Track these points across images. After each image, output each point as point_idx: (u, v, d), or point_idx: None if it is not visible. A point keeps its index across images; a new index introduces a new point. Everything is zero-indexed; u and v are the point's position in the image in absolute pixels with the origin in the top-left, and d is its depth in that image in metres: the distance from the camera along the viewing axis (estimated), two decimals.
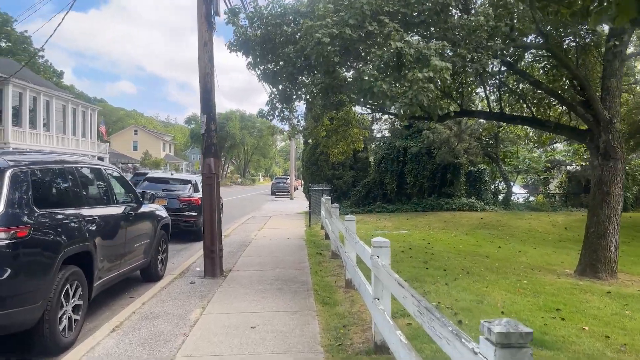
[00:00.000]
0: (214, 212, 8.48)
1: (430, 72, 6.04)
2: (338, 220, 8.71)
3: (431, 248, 11.46)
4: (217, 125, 8.76)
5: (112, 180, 7.11)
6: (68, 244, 5.09)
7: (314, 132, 13.63)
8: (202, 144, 8.72)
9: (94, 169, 6.46)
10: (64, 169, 5.50)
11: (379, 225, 16.15)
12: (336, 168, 20.59)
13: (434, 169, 19.03)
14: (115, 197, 6.73)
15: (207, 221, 8.48)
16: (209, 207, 8.48)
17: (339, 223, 8.41)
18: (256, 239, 13.07)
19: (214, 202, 8.48)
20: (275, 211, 24.47)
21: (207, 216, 8.48)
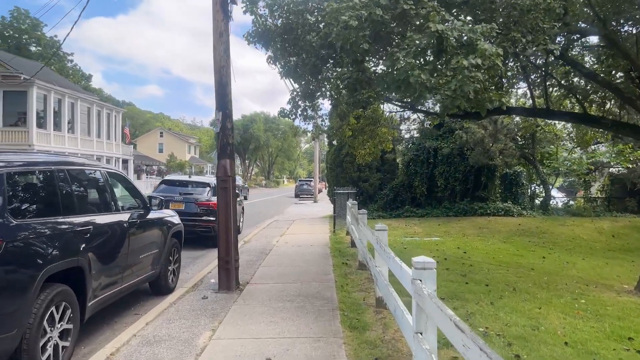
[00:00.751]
0: (229, 218, 7.68)
1: (478, 58, 5.09)
2: (367, 228, 7.80)
3: (468, 258, 10.42)
4: (233, 124, 7.98)
5: (115, 184, 6.38)
6: (53, 259, 4.34)
7: (340, 131, 12.76)
8: (217, 143, 7.94)
9: (91, 172, 5.72)
10: (51, 171, 4.76)
11: (409, 231, 15.14)
12: (362, 170, 19.65)
13: (466, 171, 17.89)
14: (116, 203, 5.98)
15: (221, 229, 7.69)
16: (224, 214, 7.69)
17: (368, 231, 7.50)
18: (277, 245, 12.26)
19: (229, 208, 7.69)
20: (298, 215, 23.67)
21: (221, 223, 7.69)
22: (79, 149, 32.36)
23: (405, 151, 19.50)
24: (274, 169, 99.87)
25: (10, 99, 28.17)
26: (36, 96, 28.11)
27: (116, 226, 5.78)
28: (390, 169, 20.19)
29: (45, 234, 4.35)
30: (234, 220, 7.79)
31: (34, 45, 65.61)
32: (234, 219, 7.80)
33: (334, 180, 20.44)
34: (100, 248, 5.28)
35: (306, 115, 10.48)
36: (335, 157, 20.27)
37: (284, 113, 10.32)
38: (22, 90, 27.73)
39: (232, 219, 7.75)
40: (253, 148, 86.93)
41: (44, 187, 4.71)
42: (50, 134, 29.52)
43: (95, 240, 5.18)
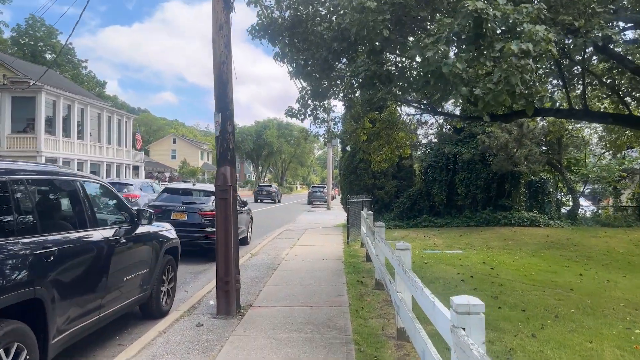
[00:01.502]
0: (228, 233, 6.79)
1: (529, 43, 4.13)
2: (385, 245, 6.85)
3: (497, 276, 9.38)
4: (234, 126, 7.11)
5: (94, 195, 5.53)
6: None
7: (354, 136, 11.83)
8: (216, 149, 7.08)
9: (60, 182, 4.86)
10: (3, 182, 3.92)
11: (428, 243, 14.11)
12: (377, 177, 18.67)
13: (489, 178, 16.80)
14: (94, 219, 5.12)
15: (220, 245, 6.80)
16: (223, 228, 6.80)
17: (386, 249, 6.55)
18: (286, 259, 11.34)
19: (229, 221, 6.80)
20: (310, 223, 22.75)
21: (220, 239, 6.80)
22: (88, 155, 31.93)
23: (423, 157, 18.47)
24: (287, 175, 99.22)
25: (19, 104, 27.83)
26: (45, 102, 27.70)
27: (92, 245, 4.91)
28: (407, 175, 19.18)
29: None
30: (234, 235, 6.90)
31: (49, 52, 66.08)
32: (234, 233, 6.90)
33: (348, 187, 19.49)
34: (68, 273, 4.41)
35: (316, 115, 9.59)
36: (349, 164, 19.33)
37: (291, 112, 9.45)
38: (30, 95, 27.37)
39: (233, 233, 6.86)
40: (266, 154, 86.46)
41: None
42: (59, 140, 29.09)
43: (62, 263, 4.32)
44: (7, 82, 26.86)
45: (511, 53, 4.11)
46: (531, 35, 4.24)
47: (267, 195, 46.48)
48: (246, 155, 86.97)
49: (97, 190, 5.67)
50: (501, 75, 4.19)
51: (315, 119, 9.66)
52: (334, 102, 13.94)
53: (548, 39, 4.25)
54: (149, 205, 12.13)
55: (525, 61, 4.12)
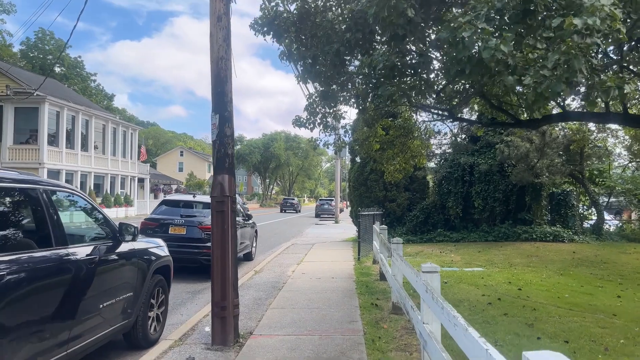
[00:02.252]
0: (226, 251, 5.94)
1: (595, 17, 3.28)
2: (405, 264, 5.95)
3: (527, 298, 8.42)
4: (233, 130, 6.30)
5: (65, 208, 4.72)
6: None
7: (366, 144, 10.98)
8: (212, 155, 6.26)
9: (16, 191, 4.04)
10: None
11: (445, 259, 13.14)
12: (389, 189, 17.77)
13: (507, 190, 15.83)
14: (61, 235, 4.29)
15: (215, 265, 5.94)
16: (220, 245, 5.95)
17: (407, 270, 5.65)
18: (293, 277, 10.44)
19: (226, 237, 5.95)
20: (318, 237, 21.85)
21: (215, 258, 5.95)
22: (92, 167, 31.36)
23: (437, 168, 17.55)
24: (294, 188, 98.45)
25: (22, 115, 27.38)
26: (48, 112, 27.22)
27: (58, 267, 4.08)
28: (420, 187, 18.25)
29: None
30: (233, 252, 6.04)
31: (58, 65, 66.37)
32: (233, 251, 6.04)
33: (358, 200, 18.60)
34: (22, 303, 3.58)
35: (326, 124, 8.77)
36: (358, 175, 18.46)
37: (299, 122, 8.63)
38: (33, 106, 26.91)
39: (231, 251, 6.01)
40: (273, 167, 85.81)
41: None
42: (62, 151, 28.54)
43: (13, 291, 3.49)
44: (10, 92, 26.42)
45: (573, 30, 3.27)
46: (594, 10, 3.39)
47: (290, 207, 55.35)
48: (253, 168, 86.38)
49: (69, 201, 4.85)
50: (559, 59, 3.33)
51: (325, 127, 8.83)
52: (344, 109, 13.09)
53: (616, 16, 3.40)
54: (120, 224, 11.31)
55: (592, 40, 3.26)
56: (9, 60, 53.72)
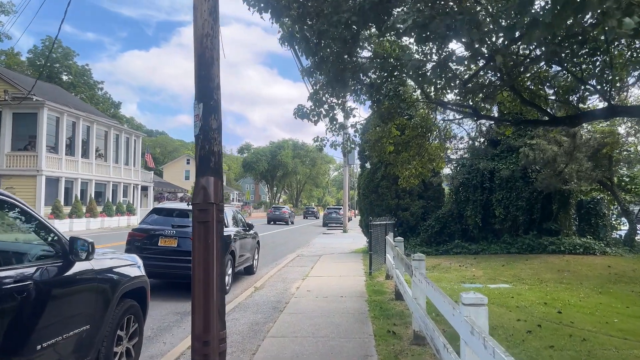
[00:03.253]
0: (209, 272, 4.78)
1: None
2: (433, 289, 4.75)
3: (571, 324, 7.16)
4: (221, 122, 5.16)
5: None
6: None
7: (378, 145, 9.81)
8: (195, 152, 5.13)
9: None
10: None
11: (466, 274, 11.88)
12: (401, 197, 16.54)
13: (531, 197, 14.55)
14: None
15: (197, 289, 4.78)
16: (202, 264, 4.80)
17: (439, 297, 4.44)
18: (297, 296, 9.25)
19: (210, 255, 4.79)
20: (325, 248, 20.63)
21: (197, 281, 4.79)
22: (93, 174, 30.47)
23: (454, 174, 16.31)
24: (302, 197, 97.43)
25: (20, 121, 26.60)
26: (47, 118, 26.38)
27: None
28: (435, 195, 17.01)
29: None
30: (219, 274, 4.87)
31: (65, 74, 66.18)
32: (219, 272, 4.87)
33: (368, 208, 17.38)
34: None
35: (333, 117, 7.61)
36: (369, 182, 17.27)
37: (302, 112, 7.49)
38: (32, 112, 26.13)
39: (217, 272, 4.84)
40: (281, 175, 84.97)
41: None
42: (61, 158, 27.66)
43: None
44: (8, 97, 25.62)
45: None
46: None
47: (312, 214, 64.00)
48: (260, 176, 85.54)
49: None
50: None
51: (332, 122, 7.68)
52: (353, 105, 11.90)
53: None
54: (133, 228, 10.22)
55: None
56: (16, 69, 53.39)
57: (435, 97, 9.26)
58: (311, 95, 7.64)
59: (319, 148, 9.15)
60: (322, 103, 7.43)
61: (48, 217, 25.73)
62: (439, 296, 4.39)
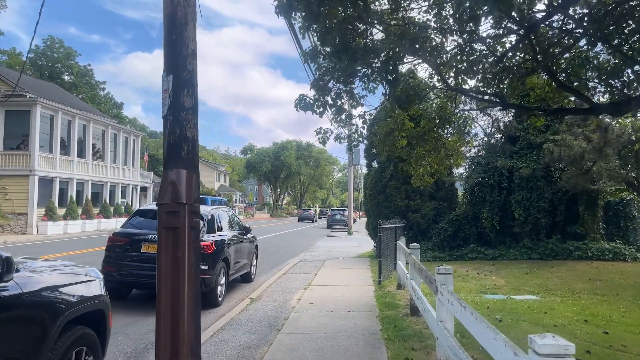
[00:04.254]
0: (179, 292, 3.66)
1: None
2: (476, 319, 3.60)
3: (623, 348, 5.99)
4: (197, 100, 4.04)
5: None
6: None
7: (389, 139, 8.67)
8: (163, 139, 4.01)
9: None
10: None
11: (486, 283, 10.71)
12: (412, 197, 15.38)
13: (554, 198, 13.35)
14: None
15: (163, 314, 3.66)
16: (170, 282, 3.69)
17: (487, 333, 3.29)
18: (297, 310, 8.11)
19: (180, 271, 3.67)
20: (330, 252, 19.49)
21: (163, 304, 3.67)
22: (90, 175, 29.46)
23: (469, 173, 15.14)
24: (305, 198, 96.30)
25: (12, 119, 25.61)
26: (40, 116, 25.36)
27: None
28: (448, 196, 15.83)
29: None
30: (192, 297, 3.73)
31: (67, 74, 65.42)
32: (192, 294, 3.74)
33: (375, 210, 16.23)
34: None
35: (340, 106, 6.48)
36: (376, 182, 16.12)
37: (304, 104, 6.38)
38: (25, 109, 25.12)
39: (188, 292, 3.70)
40: (284, 176, 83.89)
41: None
42: (56, 158, 26.64)
43: None
44: (1, 94, 24.63)
45: None
46: None
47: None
48: (264, 177, 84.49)
49: None
50: None
51: (339, 112, 6.54)
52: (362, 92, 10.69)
53: None
54: (113, 232, 9.11)
55: None
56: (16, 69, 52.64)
57: (455, 83, 8.12)
58: (314, 82, 6.53)
59: (321, 141, 8.02)
60: (328, 91, 6.29)
61: (41, 219, 24.74)
62: (485, 330, 3.24)
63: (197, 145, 3.97)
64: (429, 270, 5.89)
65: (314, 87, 6.30)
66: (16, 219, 24.35)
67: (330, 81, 6.12)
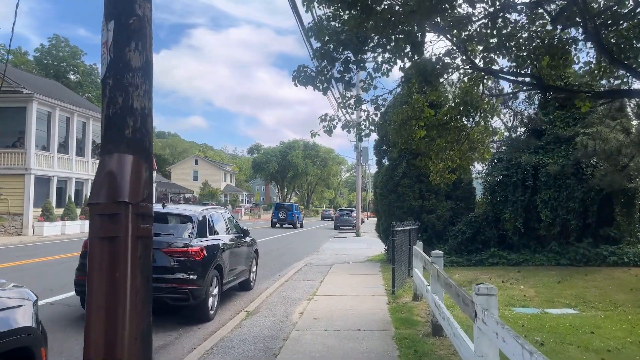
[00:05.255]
0: (119, 332, 2.51)
1: None
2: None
3: None
4: (149, 60, 2.89)
5: None
6: None
7: (405, 128, 7.49)
8: (102, 112, 2.86)
9: None
10: None
11: (513, 293, 9.50)
12: (426, 197, 14.17)
13: (586, 198, 12.08)
14: None
15: (90, 344, 2.52)
16: (104, 317, 2.53)
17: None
18: (299, 328, 6.95)
19: (121, 301, 2.53)
20: (338, 255, 18.33)
21: (93, 344, 2.52)
22: (89, 174, 28.49)
23: (489, 170, 13.91)
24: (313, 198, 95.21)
25: (8, 116, 24.70)
26: (37, 113, 24.43)
27: None
28: (465, 195, 14.60)
29: None
30: (133, 336, 2.59)
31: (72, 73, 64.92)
32: (134, 330, 2.59)
33: (386, 210, 15.05)
34: None
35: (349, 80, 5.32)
36: (387, 180, 14.92)
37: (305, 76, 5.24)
38: (20, 106, 24.19)
39: (131, 329, 2.56)
40: (291, 176, 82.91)
41: None
42: (53, 156, 25.71)
43: None
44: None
45: None
46: None
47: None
48: (271, 177, 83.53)
49: None
50: None
51: (347, 86, 5.38)
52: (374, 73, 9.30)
53: None
54: None
55: None
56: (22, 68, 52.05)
57: (484, 63, 6.93)
58: (316, 51, 5.36)
59: (327, 130, 6.87)
60: (333, 59, 5.13)
61: (38, 219, 23.81)
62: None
63: (149, 121, 2.83)
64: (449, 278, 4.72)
65: (318, 58, 5.15)
66: (11, 220, 23.43)
67: (338, 48, 4.96)
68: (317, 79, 5.19)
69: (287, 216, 39.99)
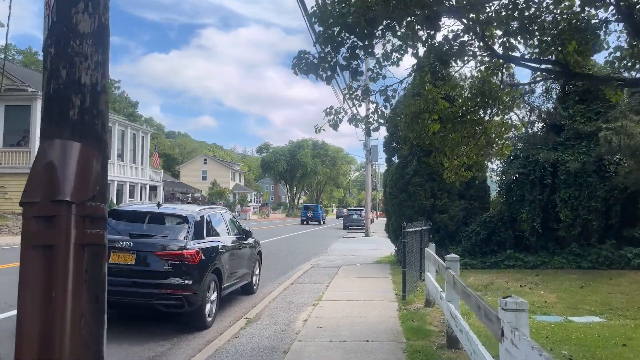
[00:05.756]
0: (54, 356, 1.95)
1: None
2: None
3: None
4: (103, 25, 2.33)
5: None
6: None
7: (418, 122, 6.89)
8: (42, 88, 2.31)
9: None
10: None
11: (533, 299, 8.85)
12: (438, 196, 13.53)
13: (609, 197, 11.38)
14: None
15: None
16: (37, 343, 1.98)
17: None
18: (302, 339, 6.39)
19: (59, 328, 1.97)
20: (346, 256, 17.77)
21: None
22: None
23: (505, 167, 13.23)
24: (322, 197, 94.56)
25: (13, 115, 24.49)
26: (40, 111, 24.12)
27: None
28: (479, 194, 13.93)
29: None
30: (74, 348, 2.04)
31: None
32: (73, 345, 2.04)
33: (396, 210, 14.43)
34: None
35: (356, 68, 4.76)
36: (397, 179, 14.30)
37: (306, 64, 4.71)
38: (25, 104, 23.95)
39: (69, 353, 2.02)
40: (300, 175, 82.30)
41: None
42: None
43: None
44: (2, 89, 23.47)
45: None
46: None
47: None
48: (279, 176, 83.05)
49: None
50: None
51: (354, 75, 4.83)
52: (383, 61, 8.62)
53: None
54: None
55: None
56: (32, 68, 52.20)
57: (504, 49, 6.32)
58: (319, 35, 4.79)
59: (332, 124, 6.30)
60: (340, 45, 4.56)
61: None
62: None
63: (102, 100, 2.28)
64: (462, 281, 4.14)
65: (320, 43, 4.58)
66: (16, 219, 23.16)
67: (343, 32, 4.39)
68: (319, 67, 4.63)
69: (314, 215, 47.70)
